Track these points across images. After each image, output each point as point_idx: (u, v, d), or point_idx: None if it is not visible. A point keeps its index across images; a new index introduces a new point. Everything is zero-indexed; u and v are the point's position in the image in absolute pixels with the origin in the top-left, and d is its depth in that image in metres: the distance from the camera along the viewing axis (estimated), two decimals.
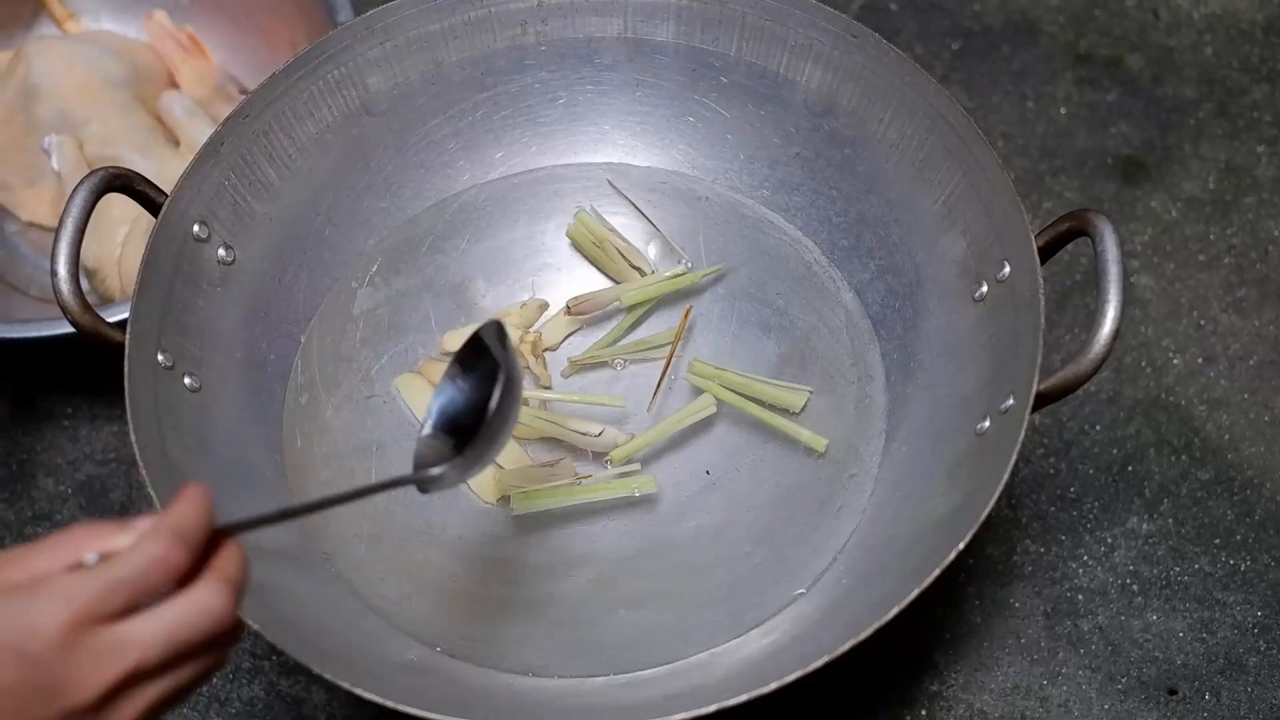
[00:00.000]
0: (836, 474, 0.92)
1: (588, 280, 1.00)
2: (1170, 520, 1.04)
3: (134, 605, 0.53)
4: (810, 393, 0.94)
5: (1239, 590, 1.01)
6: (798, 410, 0.93)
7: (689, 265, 0.98)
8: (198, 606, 0.55)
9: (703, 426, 0.94)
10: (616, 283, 1.00)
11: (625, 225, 1.01)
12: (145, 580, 0.53)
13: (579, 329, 0.99)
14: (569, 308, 0.98)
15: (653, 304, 0.99)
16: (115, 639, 0.53)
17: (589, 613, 0.88)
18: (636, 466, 0.92)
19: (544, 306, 0.99)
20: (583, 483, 0.92)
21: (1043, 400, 0.79)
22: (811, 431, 0.92)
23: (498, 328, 0.75)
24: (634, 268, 0.98)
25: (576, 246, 1.00)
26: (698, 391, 0.94)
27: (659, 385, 0.95)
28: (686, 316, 0.96)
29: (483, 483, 0.93)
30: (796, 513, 0.91)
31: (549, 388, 0.97)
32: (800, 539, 0.90)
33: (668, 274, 0.98)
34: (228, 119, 0.90)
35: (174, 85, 1.21)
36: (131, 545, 0.54)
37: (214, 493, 0.82)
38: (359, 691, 0.72)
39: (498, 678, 0.84)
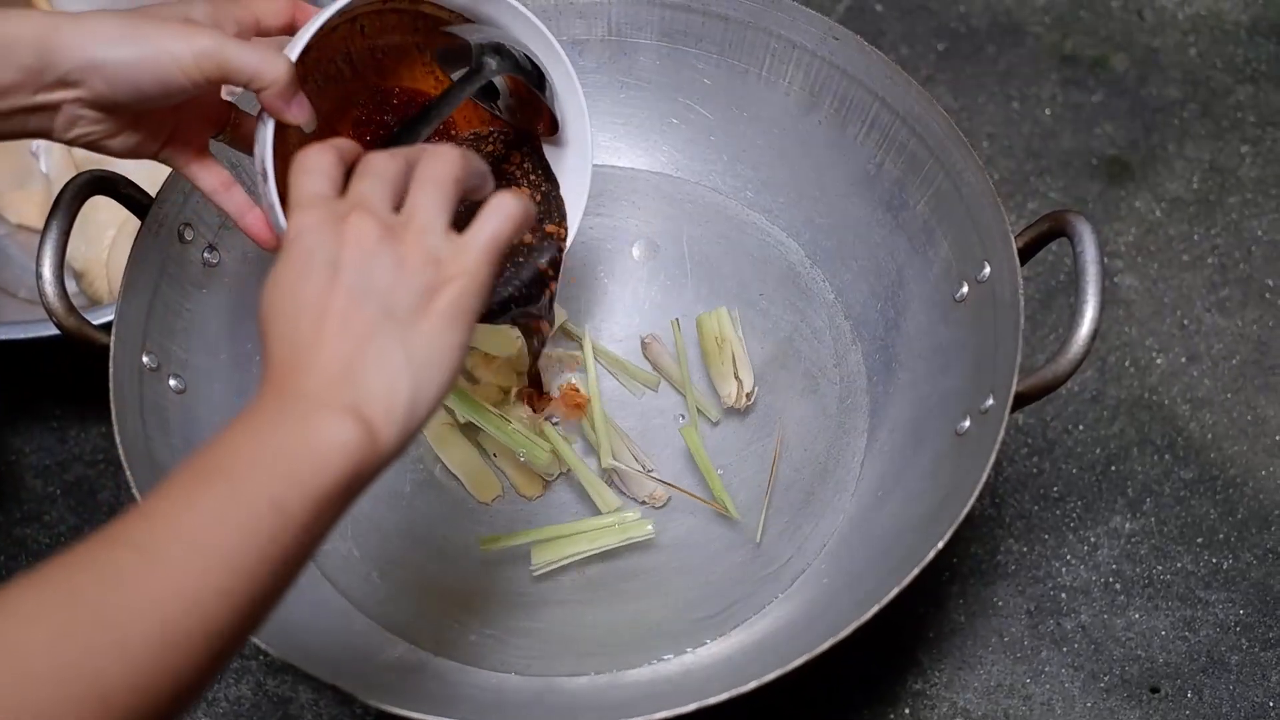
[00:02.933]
0: (818, 474, 0.92)
1: (578, 280, 1.01)
2: (1153, 519, 1.05)
3: (336, 187, 0.62)
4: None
5: (1221, 589, 1.02)
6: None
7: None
8: None
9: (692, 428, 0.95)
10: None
11: (611, 226, 1.01)
12: (312, 165, 0.62)
13: (565, 318, 1.00)
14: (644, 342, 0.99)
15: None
16: (344, 197, 0.61)
17: (573, 612, 0.89)
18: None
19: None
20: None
21: (1022, 400, 0.80)
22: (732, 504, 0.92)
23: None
24: (736, 378, 0.95)
25: (700, 334, 0.97)
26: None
27: (665, 491, 0.94)
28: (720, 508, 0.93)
29: (478, 483, 0.93)
30: (779, 512, 0.91)
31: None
32: (783, 538, 0.90)
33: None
34: None
35: None
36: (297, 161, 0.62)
37: None
38: (345, 690, 0.72)
39: (482, 676, 0.85)
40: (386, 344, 0.57)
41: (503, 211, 0.61)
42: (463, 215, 0.62)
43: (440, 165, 0.62)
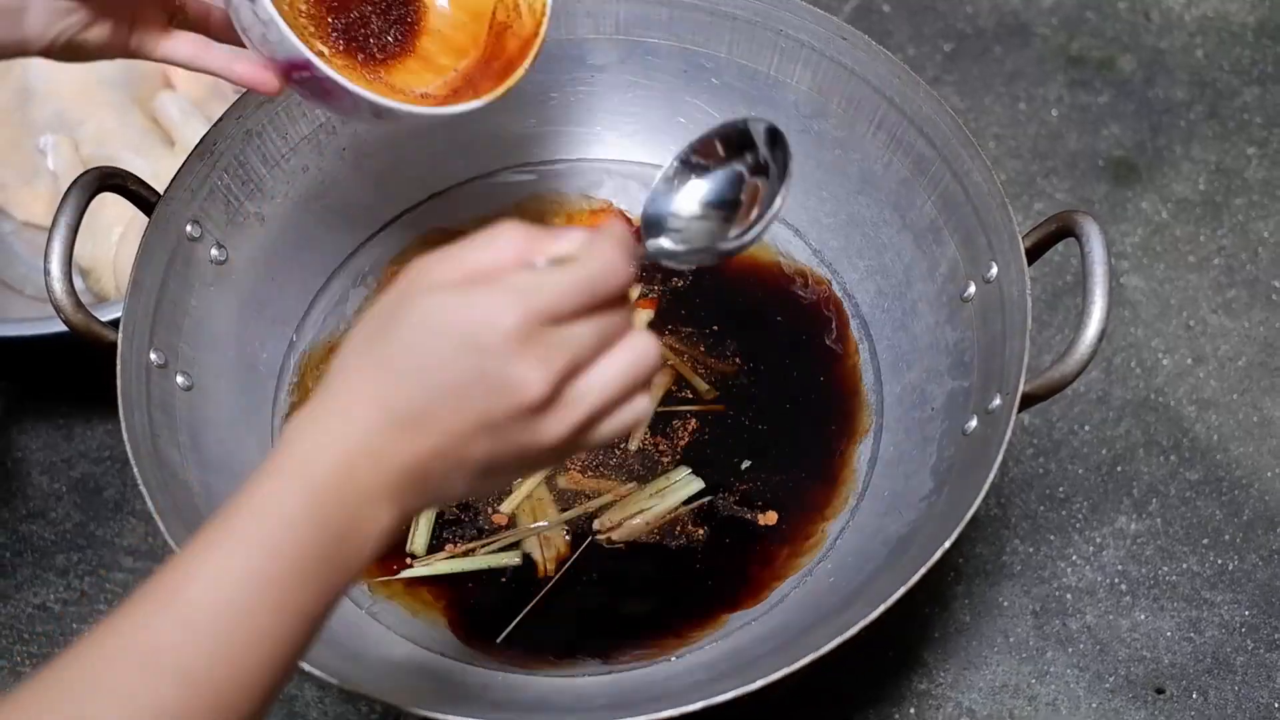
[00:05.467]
0: (825, 473, 0.92)
1: None
2: (1159, 520, 1.05)
3: (585, 311, 0.55)
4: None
5: (1227, 590, 1.02)
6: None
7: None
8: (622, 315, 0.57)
9: (697, 430, 0.95)
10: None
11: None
12: (601, 285, 0.55)
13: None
14: None
15: None
16: (562, 338, 0.54)
17: (579, 609, 0.89)
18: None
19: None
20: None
21: (1029, 400, 0.80)
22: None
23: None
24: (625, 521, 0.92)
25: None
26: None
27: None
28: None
29: None
30: (785, 512, 0.91)
31: None
32: (789, 537, 0.90)
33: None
34: (221, 119, 0.90)
35: (169, 85, 1.21)
36: (582, 251, 0.56)
37: (207, 490, 0.84)
38: (349, 688, 0.72)
39: (486, 674, 0.85)
40: (463, 482, 0.57)
41: (637, 421, 0.59)
42: None
43: (646, 356, 0.57)
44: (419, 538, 0.90)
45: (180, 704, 0.51)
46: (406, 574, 0.89)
